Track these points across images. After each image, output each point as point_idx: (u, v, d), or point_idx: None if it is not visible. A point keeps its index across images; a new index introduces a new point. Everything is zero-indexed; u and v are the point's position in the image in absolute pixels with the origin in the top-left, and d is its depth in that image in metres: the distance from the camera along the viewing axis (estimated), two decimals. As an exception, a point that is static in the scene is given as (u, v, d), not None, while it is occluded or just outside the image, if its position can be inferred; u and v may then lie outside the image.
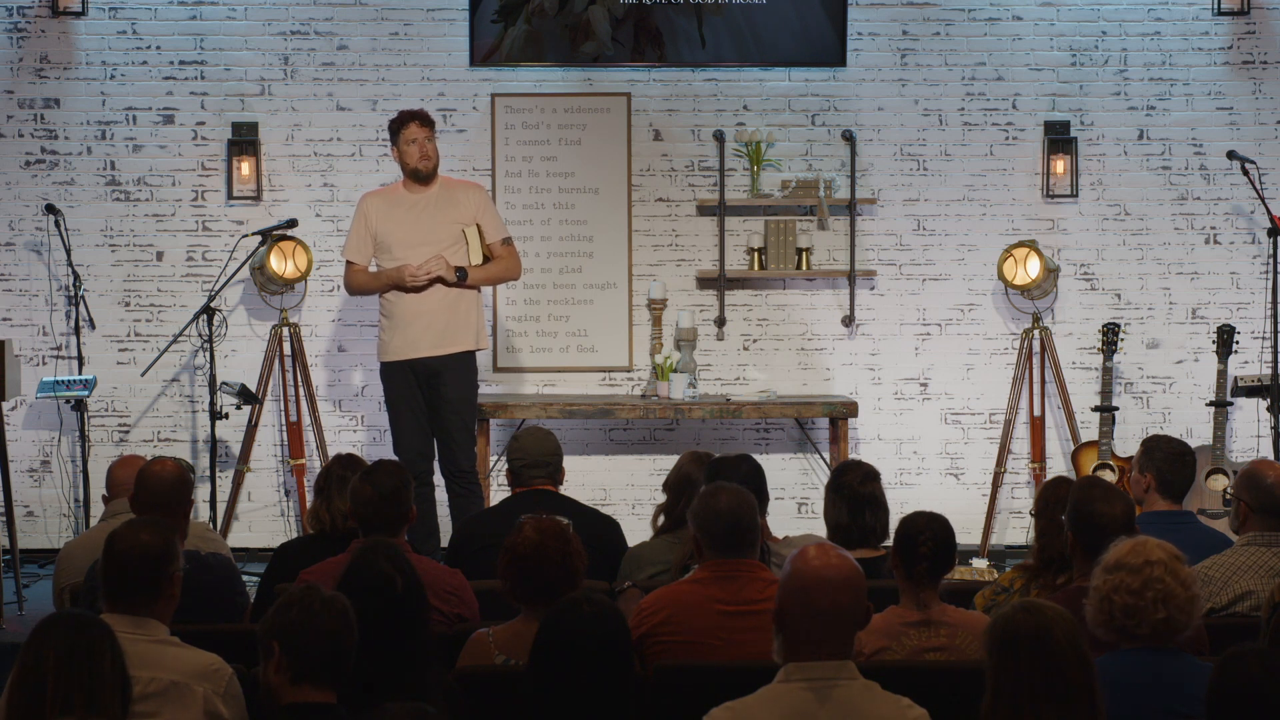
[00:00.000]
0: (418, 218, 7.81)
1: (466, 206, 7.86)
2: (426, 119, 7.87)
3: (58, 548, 7.33)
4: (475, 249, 7.83)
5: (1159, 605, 3.96)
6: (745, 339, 9.35)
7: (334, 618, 3.79)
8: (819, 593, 3.65)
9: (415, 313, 7.78)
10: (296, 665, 3.77)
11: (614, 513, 7.46)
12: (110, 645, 3.67)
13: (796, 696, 3.64)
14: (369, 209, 7.92)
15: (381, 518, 5.18)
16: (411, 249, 7.78)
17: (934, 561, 4.66)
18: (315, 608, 3.79)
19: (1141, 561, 3.99)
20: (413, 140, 7.80)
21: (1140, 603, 3.97)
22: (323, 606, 3.80)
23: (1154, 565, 3.99)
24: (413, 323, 7.78)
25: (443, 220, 7.81)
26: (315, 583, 3.94)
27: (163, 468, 5.47)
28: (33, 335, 9.15)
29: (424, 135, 7.81)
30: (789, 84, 9.29)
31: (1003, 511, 9.20)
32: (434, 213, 7.82)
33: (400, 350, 7.82)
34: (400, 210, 7.84)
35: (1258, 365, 9.04)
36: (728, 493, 4.76)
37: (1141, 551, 4.02)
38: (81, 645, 3.62)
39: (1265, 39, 9.33)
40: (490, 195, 8.24)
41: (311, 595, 3.83)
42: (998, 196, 9.31)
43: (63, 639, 3.62)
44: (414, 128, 7.81)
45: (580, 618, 3.85)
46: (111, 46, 9.14)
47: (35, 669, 3.59)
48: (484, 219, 7.88)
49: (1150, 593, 3.97)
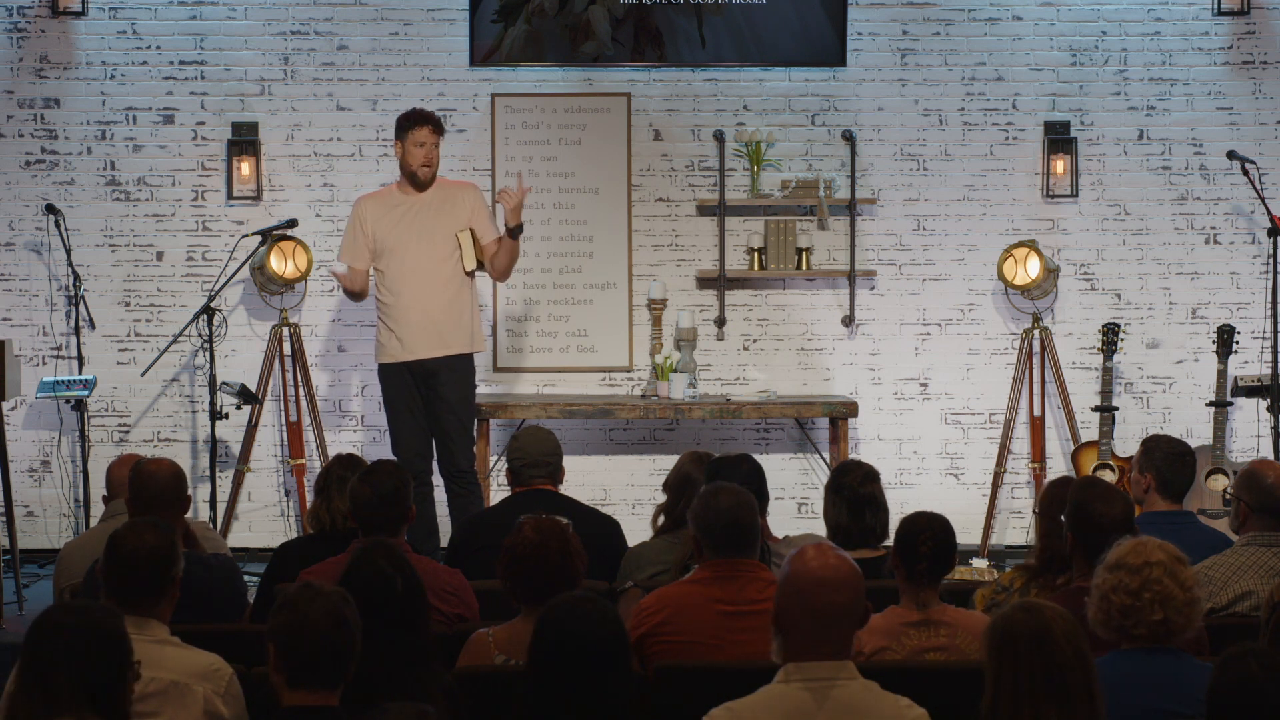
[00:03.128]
0: (414, 220, 7.80)
1: (462, 208, 7.84)
2: (439, 126, 7.84)
3: (58, 548, 7.33)
4: (469, 254, 7.82)
5: (1156, 606, 3.96)
6: (745, 339, 9.35)
7: (328, 618, 3.74)
8: (817, 593, 3.65)
9: (413, 315, 7.77)
10: (289, 667, 3.74)
11: (614, 513, 7.45)
12: (122, 637, 3.62)
13: (796, 697, 3.64)
14: (364, 212, 7.90)
15: (380, 518, 5.18)
16: (408, 252, 7.77)
17: (934, 562, 4.66)
18: (307, 609, 3.74)
19: (1141, 562, 3.99)
20: (421, 144, 7.77)
21: (1137, 603, 3.97)
22: (316, 607, 3.75)
23: (1153, 566, 3.98)
24: (410, 325, 7.77)
25: (439, 223, 7.80)
26: (318, 584, 3.90)
27: (157, 467, 5.47)
28: (33, 335, 9.15)
29: (432, 141, 7.78)
30: (789, 84, 9.29)
31: (1003, 511, 9.20)
32: (430, 215, 7.81)
33: (397, 352, 7.81)
34: (397, 212, 7.83)
35: (1258, 365, 9.04)
36: (728, 493, 4.76)
37: (1142, 552, 4.02)
38: (96, 637, 3.57)
39: (1265, 39, 9.33)
40: (484, 194, 8.22)
41: (305, 596, 3.77)
42: (998, 196, 9.31)
43: (75, 631, 3.57)
44: (426, 132, 7.77)
45: (578, 618, 3.84)
46: (111, 46, 9.14)
47: (44, 660, 3.55)
48: (477, 220, 7.86)
49: (1148, 594, 3.97)
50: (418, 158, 7.78)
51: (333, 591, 3.83)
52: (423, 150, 7.77)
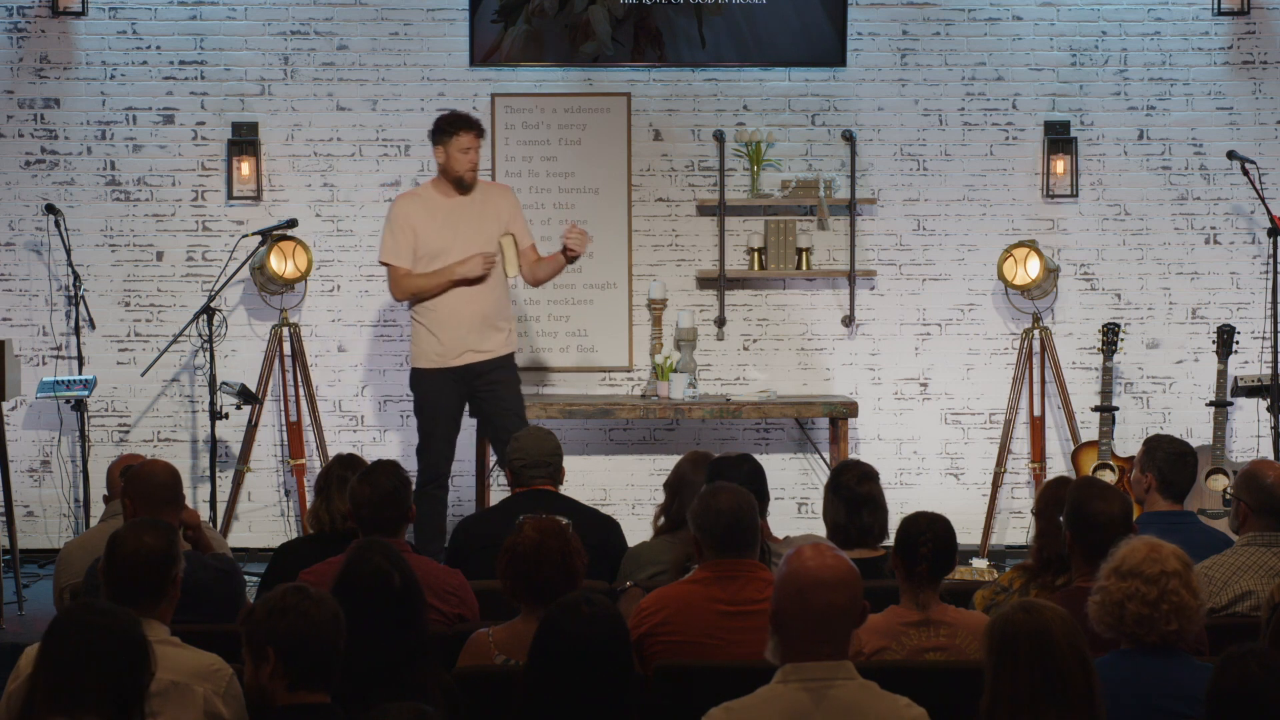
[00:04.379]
0: (459, 224, 7.76)
1: (502, 211, 7.84)
2: (481, 130, 7.82)
3: (58, 548, 7.33)
4: (511, 260, 7.81)
5: (1172, 617, 3.96)
6: (745, 339, 9.35)
7: (328, 622, 3.76)
8: (814, 593, 3.65)
9: (462, 318, 7.71)
10: (295, 671, 3.75)
11: (614, 513, 7.46)
12: (144, 642, 3.62)
13: (794, 697, 3.64)
14: (410, 213, 7.80)
15: (379, 518, 5.18)
16: (452, 256, 7.72)
17: (934, 562, 4.66)
18: (315, 612, 3.76)
19: (1158, 572, 3.97)
20: (466, 150, 7.72)
21: (1155, 614, 3.95)
22: (324, 610, 3.77)
23: (1170, 577, 3.96)
24: (458, 328, 7.70)
25: (483, 227, 7.77)
26: (304, 584, 3.92)
27: (153, 467, 5.49)
28: (33, 335, 9.15)
29: (476, 146, 7.75)
30: (789, 84, 9.29)
31: (1003, 511, 9.20)
32: (474, 219, 7.78)
33: (442, 356, 7.72)
34: (440, 215, 7.77)
35: (1258, 365, 9.04)
36: (728, 493, 4.76)
37: (1158, 560, 3.99)
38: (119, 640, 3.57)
39: (1265, 39, 9.33)
40: (518, 198, 8.22)
41: (305, 599, 3.79)
42: (998, 196, 9.31)
43: (92, 633, 3.57)
44: (470, 137, 7.72)
45: (579, 618, 3.84)
46: (111, 46, 9.14)
47: (67, 660, 3.53)
48: (515, 225, 7.85)
49: (1166, 605, 3.95)
50: (464, 163, 7.73)
51: (324, 594, 3.85)
52: (468, 156, 7.73)
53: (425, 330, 7.76)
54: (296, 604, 3.77)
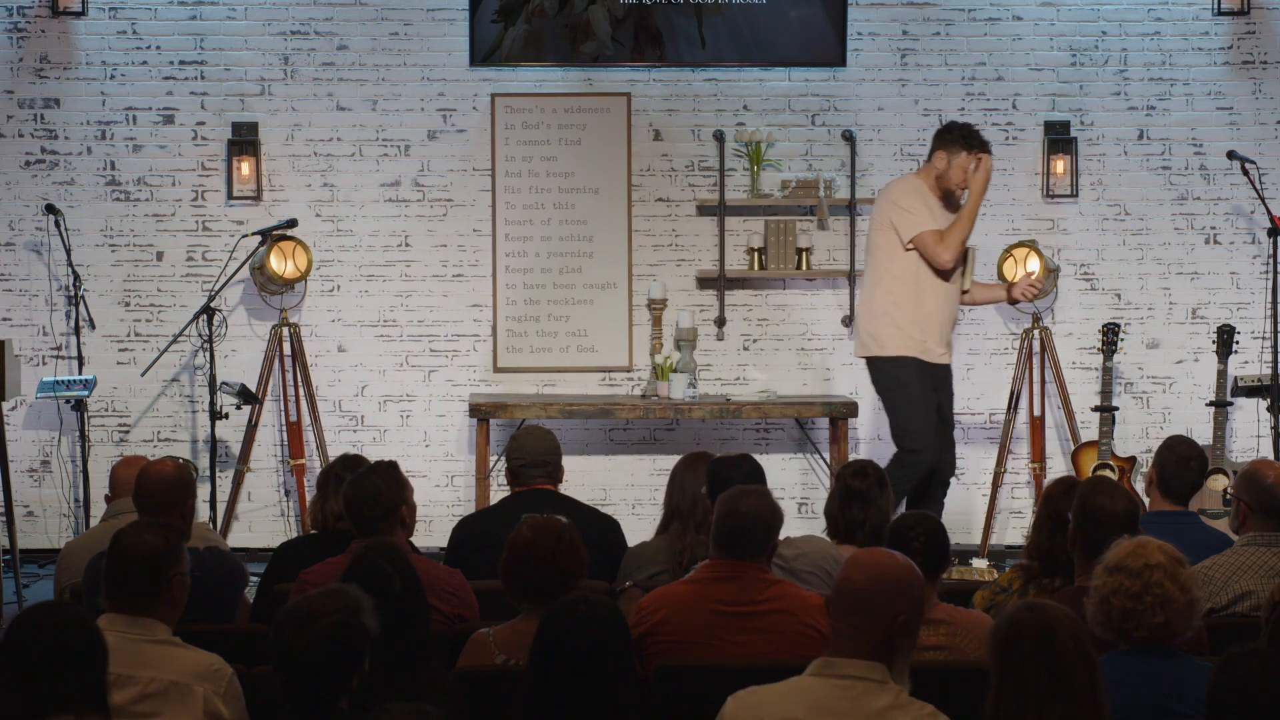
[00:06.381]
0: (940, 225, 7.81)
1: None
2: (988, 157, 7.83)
3: (58, 548, 7.33)
4: (970, 273, 7.90)
5: (1158, 610, 3.96)
6: (745, 339, 9.35)
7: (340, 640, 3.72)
8: (857, 588, 3.67)
9: (942, 319, 7.80)
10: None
11: (614, 513, 7.44)
12: (97, 641, 3.61)
13: (821, 691, 3.64)
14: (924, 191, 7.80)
15: (363, 519, 5.17)
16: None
17: (927, 558, 4.66)
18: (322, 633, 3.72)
19: (1141, 565, 3.99)
20: (970, 169, 7.74)
21: (1139, 607, 3.97)
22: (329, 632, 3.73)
23: (1154, 569, 3.98)
24: (937, 329, 7.79)
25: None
26: (312, 587, 3.89)
27: (162, 467, 5.47)
28: (33, 335, 9.14)
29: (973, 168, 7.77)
30: (789, 84, 9.29)
31: (1003, 511, 9.20)
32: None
33: (930, 350, 7.79)
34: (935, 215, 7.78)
35: (1258, 365, 9.04)
36: (754, 497, 4.76)
37: (1142, 555, 4.01)
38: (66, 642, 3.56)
39: (1265, 39, 9.33)
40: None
41: (321, 605, 3.77)
42: (998, 196, 9.30)
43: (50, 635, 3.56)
44: (978, 161, 7.74)
45: (580, 618, 3.84)
46: (111, 46, 9.14)
47: (20, 664, 3.53)
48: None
49: (1149, 597, 3.97)
50: (961, 180, 7.76)
51: (336, 590, 3.84)
52: (967, 175, 7.75)
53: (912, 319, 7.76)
54: (318, 609, 3.73)
